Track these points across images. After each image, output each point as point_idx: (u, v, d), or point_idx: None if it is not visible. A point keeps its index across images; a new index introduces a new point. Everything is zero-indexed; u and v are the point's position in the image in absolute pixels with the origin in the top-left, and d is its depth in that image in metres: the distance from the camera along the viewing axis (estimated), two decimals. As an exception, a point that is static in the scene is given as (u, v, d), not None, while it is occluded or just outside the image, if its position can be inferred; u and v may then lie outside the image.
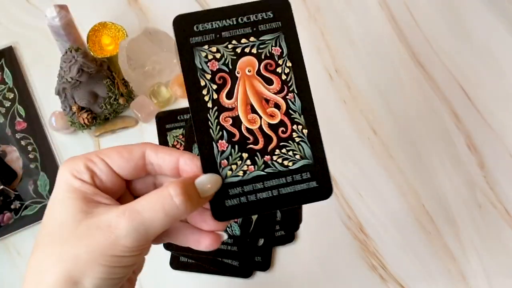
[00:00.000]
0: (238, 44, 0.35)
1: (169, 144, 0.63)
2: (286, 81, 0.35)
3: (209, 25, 0.35)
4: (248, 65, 0.35)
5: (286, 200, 0.34)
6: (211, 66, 0.35)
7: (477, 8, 0.69)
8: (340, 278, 0.58)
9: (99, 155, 0.33)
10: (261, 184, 0.34)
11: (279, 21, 0.36)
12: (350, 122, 0.64)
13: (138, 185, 0.36)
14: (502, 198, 0.61)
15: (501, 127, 0.64)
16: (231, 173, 0.34)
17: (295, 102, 0.35)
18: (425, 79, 0.66)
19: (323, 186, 0.35)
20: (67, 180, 0.32)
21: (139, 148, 0.34)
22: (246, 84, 0.35)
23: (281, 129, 0.35)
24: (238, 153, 0.34)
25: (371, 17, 0.69)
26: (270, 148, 0.34)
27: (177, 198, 0.30)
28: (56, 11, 0.57)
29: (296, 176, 0.34)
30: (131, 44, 0.62)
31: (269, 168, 0.34)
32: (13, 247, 0.59)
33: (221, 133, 0.34)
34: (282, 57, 0.35)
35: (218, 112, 0.34)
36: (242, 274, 0.57)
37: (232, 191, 0.34)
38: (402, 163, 0.62)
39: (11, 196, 0.61)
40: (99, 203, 0.32)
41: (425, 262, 0.58)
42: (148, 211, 0.30)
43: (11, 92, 0.66)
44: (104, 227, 0.30)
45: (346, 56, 0.67)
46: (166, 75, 0.65)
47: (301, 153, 0.35)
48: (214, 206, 0.33)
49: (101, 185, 0.33)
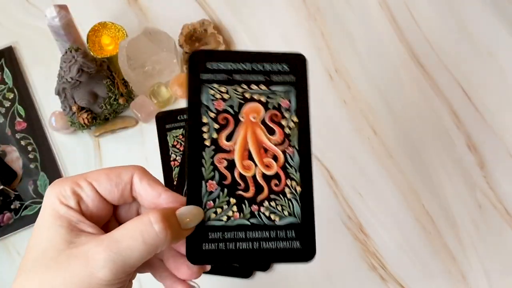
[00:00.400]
0: (248, 89, 0.35)
1: (169, 144, 0.63)
2: (289, 135, 0.35)
3: (223, 65, 0.35)
4: (253, 112, 0.35)
5: (266, 256, 0.33)
6: (216, 105, 0.34)
7: (477, 8, 0.69)
8: (340, 278, 0.58)
9: (87, 178, 0.32)
10: (243, 234, 0.33)
11: (294, 76, 0.36)
12: (350, 122, 0.64)
13: (122, 212, 0.35)
14: (502, 198, 0.61)
15: (501, 127, 0.64)
16: (214, 216, 0.33)
17: (294, 157, 0.34)
18: (425, 79, 0.66)
19: (306, 248, 0.34)
20: (53, 205, 0.31)
21: (128, 171, 0.33)
22: (248, 130, 0.34)
23: (274, 181, 0.34)
24: (226, 197, 0.33)
25: (371, 17, 0.69)
26: (260, 199, 0.34)
27: (156, 225, 0.29)
28: (56, 11, 0.57)
29: (280, 232, 0.33)
30: (131, 44, 0.62)
31: (254, 218, 0.33)
32: (13, 247, 0.59)
33: (213, 173, 0.33)
34: (289, 111, 0.35)
35: (214, 152, 0.34)
36: (242, 274, 0.57)
37: (212, 235, 0.32)
38: (402, 163, 0.62)
39: (11, 196, 0.61)
40: (82, 231, 0.31)
41: (425, 262, 0.58)
42: (126, 240, 0.29)
43: (11, 92, 0.66)
44: (82, 258, 0.29)
45: (346, 56, 0.67)
46: (166, 75, 0.65)
47: (290, 210, 0.34)
48: (190, 247, 0.32)
49: (87, 211, 0.32)
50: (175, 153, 0.62)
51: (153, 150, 0.63)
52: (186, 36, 0.66)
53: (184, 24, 0.66)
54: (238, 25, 0.69)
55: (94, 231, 0.31)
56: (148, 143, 0.64)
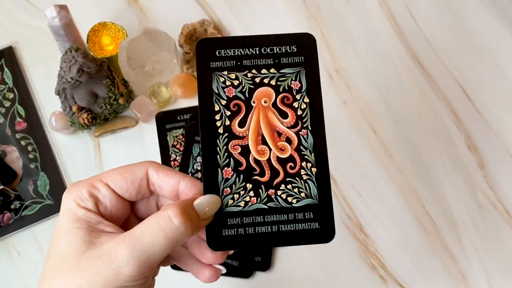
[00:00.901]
0: (257, 74, 0.35)
1: (169, 144, 0.63)
2: (302, 116, 0.35)
3: (232, 51, 0.35)
4: (264, 96, 0.35)
5: (285, 238, 0.33)
6: (227, 92, 0.35)
7: (477, 8, 0.69)
8: (340, 278, 0.58)
9: (102, 179, 0.33)
10: (262, 218, 0.33)
11: (302, 56, 0.35)
12: (350, 122, 0.64)
13: (141, 207, 0.36)
14: (502, 198, 0.61)
15: (501, 127, 0.64)
16: (232, 202, 0.33)
17: (308, 139, 0.35)
18: (425, 79, 0.66)
19: (325, 229, 0.34)
20: (71, 209, 0.32)
21: (141, 167, 0.33)
22: (260, 115, 0.35)
23: (289, 164, 0.34)
24: (242, 183, 0.34)
25: (371, 17, 0.69)
26: (276, 182, 0.34)
27: (176, 219, 0.30)
28: (56, 11, 0.57)
29: (298, 214, 0.34)
30: (131, 44, 0.62)
31: (271, 202, 0.34)
32: (13, 247, 0.59)
33: (228, 160, 0.34)
34: (300, 92, 0.35)
35: (228, 139, 0.34)
36: (242, 274, 0.57)
37: (230, 221, 0.33)
38: (402, 163, 0.62)
39: (11, 196, 0.61)
40: (102, 231, 0.31)
41: (425, 262, 0.58)
42: (147, 236, 0.30)
43: (11, 92, 0.66)
44: (105, 257, 0.29)
45: (346, 56, 0.67)
46: (166, 75, 0.65)
47: (307, 191, 0.34)
48: (210, 234, 0.33)
49: (105, 211, 0.33)
50: (175, 153, 0.62)
51: (153, 150, 0.63)
52: (186, 36, 0.66)
53: (184, 24, 0.66)
54: (238, 25, 0.69)
55: (114, 230, 0.32)
56: (148, 143, 0.64)
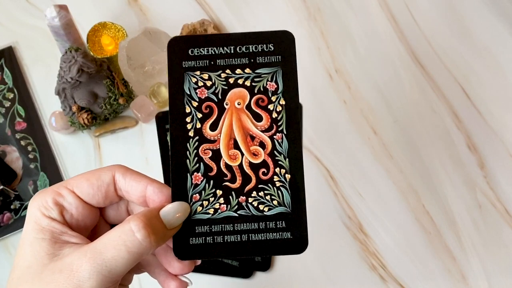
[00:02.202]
0: (231, 74, 0.33)
1: (169, 144, 0.63)
2: (277, 119, 0.33)
3: (205, 50, 0.33)
4: (238, 98, 0.33)
5: (256, 248, 0.32)
6: (199, 93, 0.33)
7: (478, 8, 0.69)
8: (340, 278, 0.58)
9: (67, 186, 0.32)
10: (231, 226, 0.32)
11: (280, 55, 0.33)
12: (350, 122, 0.64)
13: (111, 213, 0.34)
14: (502, 198, 0.61)
15: (501, 127, 0.64)
16: (201, 209, 0.32)
17: (282, 143, 0.33)
18: (425, 79, 0.66)
19: (297, 239, 0.32)
20: (35, 218, 0.31)
21: (108, 172, 0.32)
22: (233, 117, 0.33)
23: (262, 170, 0.32)
24: (212, 189, 0.32)
25: (371, 17, 0.69)
26: (247, 189, 0.32)
27: (139, 233, 0.29)
28: (56, 11, 0.57)
29: (270, 223, 0.32)
30: (131, 44, 0.62)
31: (242, 210, 0.32)
32: (12, 247, 0.59)
33: (198, 165, 0.32)
34: (276, 94, 0.33)
35: (199, 143, 0.32)
36: (242, 274, 0.57)
37: (199, 228, 0.32)
38: (402, 163, 0.62)
39: (11, 196, 0.61)
40: (66, 243, 0.30)
41: (425, 262, 0.58)
42: (110, 250, 0.28)
43: (11, 92, 0.66)
44: (66, 271, 0.28)
45: (346, 56, 0.67)
46: (166, 75, 0.65)
47: (279, 199, 0.32)
48: (177, 242, 0.31)
49: (72, 219, 0.31)
50: (175, 153, 0.62)
51: (153, 150, 0.63)
52: (186, 36, 0.66)
53: (184, 24, 0.66)
54: (238, 25, 0.69)
55: (79, 241, 0.30)
56: (148, 143, 0.64)
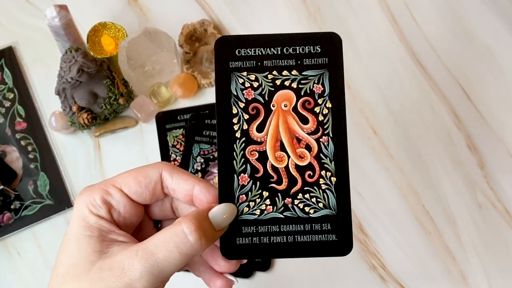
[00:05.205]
0: (278, 75, 0.33)
1: (169, 144, 0.63)
2: (323, 122, 0.33)
3: (252, 51, 0.33)
4: (285, 99, 0.33)
5: (301, 250, 0.32)
6: (246, 94, 0.33)
7: (478, 8, 0.69)
8: (340, 278, 0.58)
9: (115, 184, 0.32)
10: (277, 228, 0.32)
11: (326, 57, 0.34)
12: (350, 122, 0.64)
13: (156, 210, 0.35)
14: (502, 198, 0.61)
15: (501, 127, 0.64)
16: (247, 209, 0.32)
17: (328, 146, 0.33)
18: (425, 79, 0.66)
19: (342, 242, 0.33)
20: (83, 215, 0.31)
21: (155, 170, 0.32)
22: (280, 119, 0.33)
23: (308, 172, 0.33)
24: (259, 190, 0.32)
25: (371, 17, 0.69)
26: (293, 191, 0.33)
27: (191, 236, 0.29)
28: (56, 11, 0.57)
29: (315, 225, 0.32)
30: (131, 44, 0.62)
31: (288, 211, 0.32)
32: (12, 247, 0.59)
33: (244, 166, 0.33)
34: (322, 96, 0.33)
35: (245, 144, 0.33)
36: (242, 274, 0.57)
37: (245, 229, 0.32)
38: (402, 163, 0.62)
39: (11, 196, 0.61)
40: (114, 241, 0.30)
41: (425, 262, 0.58)
42: (162, 251, 0.29)
43: (11, 92, 0.66)
44: (117, 270, 0.29)
45: (345, 56, 0.67)
46: (166, 75, 0.65)
47: (325, 202, 0.33)
48: (224, 242, 0.32)
49: (119, 218, 0.32)
50: (175, 153, 0.62)
51: (153, 150, 0.63)
52: (186, 36, 0.66)
53: (184, 24, 0.66)
54: (238, 25, 0.69)
55: (126, 240, 0.31)
56: (148, 143, 0.64)
